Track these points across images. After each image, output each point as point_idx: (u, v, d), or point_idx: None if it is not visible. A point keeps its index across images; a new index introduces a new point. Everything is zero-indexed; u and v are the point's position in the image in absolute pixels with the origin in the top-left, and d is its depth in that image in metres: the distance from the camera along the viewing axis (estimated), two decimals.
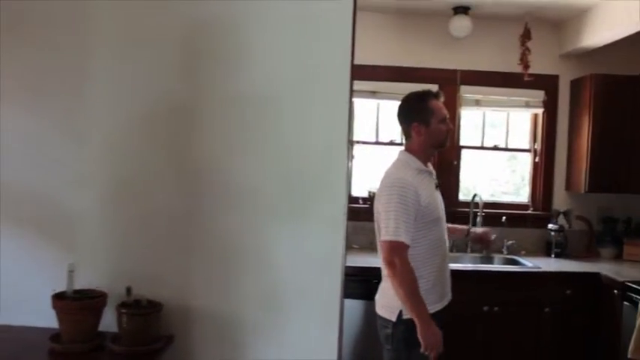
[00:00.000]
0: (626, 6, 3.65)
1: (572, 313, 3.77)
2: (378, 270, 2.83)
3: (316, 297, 2.16)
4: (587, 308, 3.78)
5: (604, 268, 3.92)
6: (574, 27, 4.22)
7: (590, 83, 4.17)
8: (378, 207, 2.59)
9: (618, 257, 4.32)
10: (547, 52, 4.38)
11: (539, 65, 4.25)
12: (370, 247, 4.21)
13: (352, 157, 3.18)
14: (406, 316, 2.50)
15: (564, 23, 4.34)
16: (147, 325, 1.96)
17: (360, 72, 2.90)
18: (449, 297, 2.70)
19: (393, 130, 4.47)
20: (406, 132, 2.69)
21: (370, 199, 4.24)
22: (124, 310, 1.95)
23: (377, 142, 4.47)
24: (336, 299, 2.17)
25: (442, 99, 2.68)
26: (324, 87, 2.19)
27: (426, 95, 2.65)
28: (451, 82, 4.31)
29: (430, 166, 2.73)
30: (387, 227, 2.48)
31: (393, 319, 2.55)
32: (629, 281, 3.49)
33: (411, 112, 2.66)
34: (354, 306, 3.55)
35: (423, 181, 2.57)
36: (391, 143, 4.45)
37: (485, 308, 3.68)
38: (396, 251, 2.45)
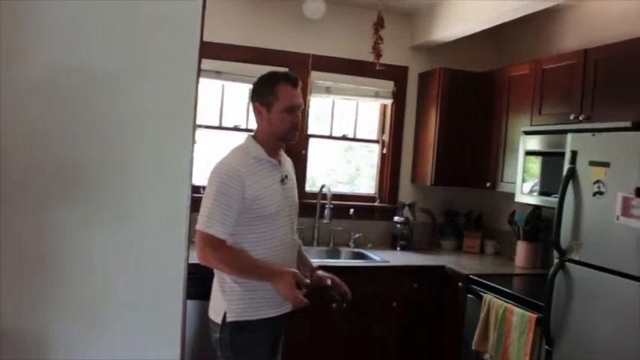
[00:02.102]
0: (475, 3, 3.68)
1: (419, 306, 3.75)
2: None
3: (152, 308, 1.79)
4: (433, 301, 3.78)
5: (447, 260, 3.95)
6: (425, 20, 4.21)
7: (438, 77, 4.18)
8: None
9: (458, 249, 4.43)
10: (398, 43, 4.33)
11: (390, 55, 4.17)
12: None
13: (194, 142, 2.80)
14: (230, 318, 2.29)
15: (416, 15, 4.31)
16: None
17: (204, 50, 2.55)
18: (288, 305, 2.37)
19: (238, 114, 4.17)
20: (254, 114, 2.43)
21: None
22: None
23: (220, 127, 4.13)
24: (177, 310, 1.82)
25: (299, 87, 2.39)
26: (168, 63, 1.80)
27: (277, 76, 2.37)
28: (302, 66, 4.10)
29: (282, 156, 2.46)
30: (200, 216, 2.25)
31: (219, 321, 2.32)
32: (472, 274, 3.52)
33: (255, 91, 2.41)
34: (190, 307, 3.20)
35: (260, 172, 2.31)
36: (236, 128, 4.14)
37: (334, 305, 3.52)
38: (208, 244, 2.23)
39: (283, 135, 2.38)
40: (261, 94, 2.36)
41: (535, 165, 3.43)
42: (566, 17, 3.84)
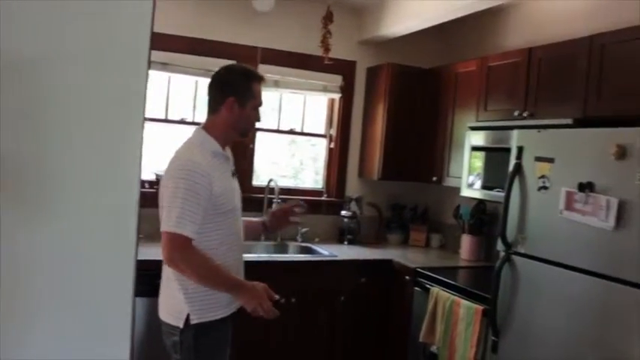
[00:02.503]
0: (422, 1, 3.72)
1: (367, 300, 3.78)
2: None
3: (99, 306, 1.72)
4: (381, 295, 3.81)
5: (394, 254, 4.00)
6: (374, 15, 4.23)
7: (386, 72, 4.21)
8: (164, 192, 2.23)
9: (405, 243, 4.48)
10: (347, 38, 4.33)
11: (339, 50, 4.17)
12: (157, 236, 3.81)
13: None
14: (194, 320, 2.22)
15: (365, 10, 4.32)
16: None
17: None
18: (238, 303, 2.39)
19: (184, 107, 4.08)
20: (214, 106, 2.34)
21: (158, 182, 3.81)
22: None
23: (166, 120, 4.03)
24: (125, 308, 1.75)
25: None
26: (118, 52, 1.72)
27: (253, 74, 2.37)
28: (250, 59, 4.04)
29: (228, 151, 2.42)
30: (169, 216, 2.14)
31: (181, 325, 2.23)
32: (419, 267, 3.57)
33: (231, 85, 2.32)
34: (138, 304, 3.13)
35: (219, 167, 2.27)
36: (182, 122, 4.05)
37: (282, 300, 3.49)
38: (177, 246, 2.13)
39: (247, 131, 2.42)
40: (239, 90, 2.31)
41: (480, 160, 3.50)
42: (512, 16, 3.93)
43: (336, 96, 4.44)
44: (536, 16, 3.72)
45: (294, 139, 4.53)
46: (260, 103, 2.38)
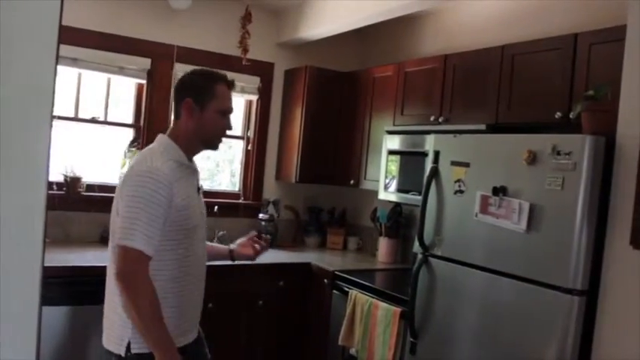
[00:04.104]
0: (340, 5, 3.75)
1: (286, 304, 3.75)
2: (79, 270, 2.30)
3: (1, 315, 1.59)
4: (300, 298, 3.80)
5: (312, 257, 3.99)
6: (293, 17, 4.21)
7: (304, 75, 4.21)
8: (118, 201, 2.01)
9: (322, 246, 4.49)
10: (265, 39, 4.30)
11: (257, 51, 4.14)
12: (67, 241, 3.63)
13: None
14: (136, 349, 1.97)
15: (284, 12, 4.30)
16: None
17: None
18: (195, 333, 2.20)
19: (95, 105, 3.90)
20: (176, 110, 2.14)
21: (67, 184, 3.63)
22: None
23: (76, 119, 3.83)
24: (31, 317, 1.63)
25: (232, 91, 2.18)
26: (23, 45, 1.60)
27: (215, 75, 2.15)
28: (167, 57, 3.92)
29: (195, 163, 2.19)
30: (124, 229, 1.92)
31: (121, 352, 1.98)
32: (338, 270, 3.58)
33: (188, 86, 2.13)
34: (52, 315, 2.96)
35: (182, 179, 2.04)
36: (93, 121, 3.88)
37: None
38: (133, 262, 1.90)
39: (211, 138, 2.16)
40: (197, 90, 2.09)
41: (396, 163, 3.56)
42: (428, 23, 4.03)
43: (254, 97, 4.38)
44: (451, 24, 3.83)
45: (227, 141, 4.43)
46: (227, 108, 2.14)
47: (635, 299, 2.02)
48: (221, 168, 4.53)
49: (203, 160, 4.39)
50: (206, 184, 4.39)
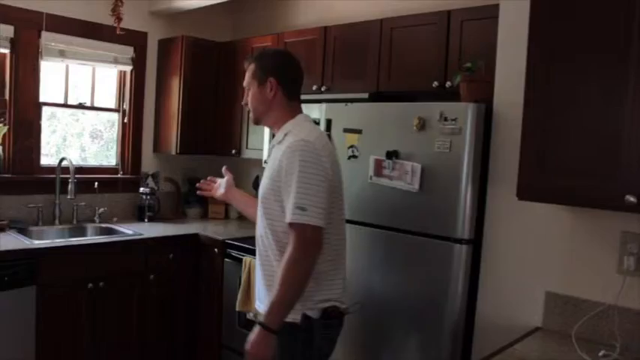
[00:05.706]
0: None
1: (177, 277, 3.76)
2: None
3: None
4: (191, 269, 3.82)
5: (197, 228, 4.02)
6: None
7: (180, 45, 4.15)
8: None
9: (204, 216, 4.51)
10: (137, 7, 4.15)
11: (130, 19, 3.98)
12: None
13: None
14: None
15: None
16: None
17: None
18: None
19: None
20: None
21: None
22: None
23: None
24: None
25: (247, 67, 2.36)
26: None
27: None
28: (33, 25, 3.67)
29: (281, 136, 2.26)
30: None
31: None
32: (229, 239, 3.66)
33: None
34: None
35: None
36: None
37: (90, 285, 3.32)
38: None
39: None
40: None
41: None
42: None
43: (128, 68, 4.24)
44: None
45: (78, 114, 4.22)
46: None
47: (513, 245, 2.36)
48: (69, 142, 4.26)
49: (49, 134, 4.11)
50: (79, 160, 4.20)
